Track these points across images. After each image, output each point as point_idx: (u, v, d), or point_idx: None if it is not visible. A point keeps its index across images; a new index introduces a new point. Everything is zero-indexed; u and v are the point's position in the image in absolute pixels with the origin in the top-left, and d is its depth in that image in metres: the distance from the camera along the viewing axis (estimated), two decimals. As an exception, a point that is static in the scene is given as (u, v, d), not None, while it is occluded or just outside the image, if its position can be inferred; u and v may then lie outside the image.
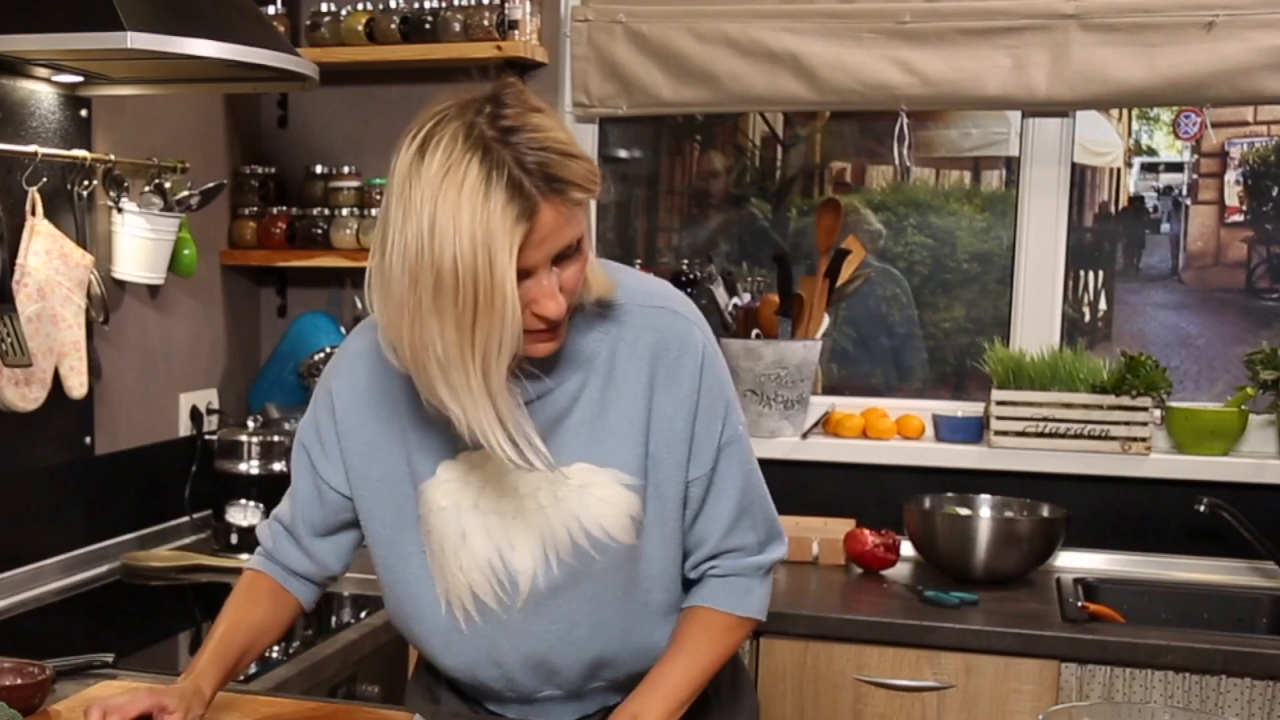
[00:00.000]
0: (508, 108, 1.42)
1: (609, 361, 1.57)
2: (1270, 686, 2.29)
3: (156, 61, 2.16)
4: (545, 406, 1.55)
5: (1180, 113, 2.97)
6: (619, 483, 1.56)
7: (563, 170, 1.38)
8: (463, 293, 1.36)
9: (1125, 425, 2.81)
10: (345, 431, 1.63)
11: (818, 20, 2.87)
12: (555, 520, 1.57)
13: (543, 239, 1.39)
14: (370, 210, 3.02)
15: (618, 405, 1.56)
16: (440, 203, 1.37)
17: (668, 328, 1.58)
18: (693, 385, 1.58)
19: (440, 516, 1.60)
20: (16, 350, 2.25)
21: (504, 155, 1.37)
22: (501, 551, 1.59)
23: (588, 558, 1.58)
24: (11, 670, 1.72)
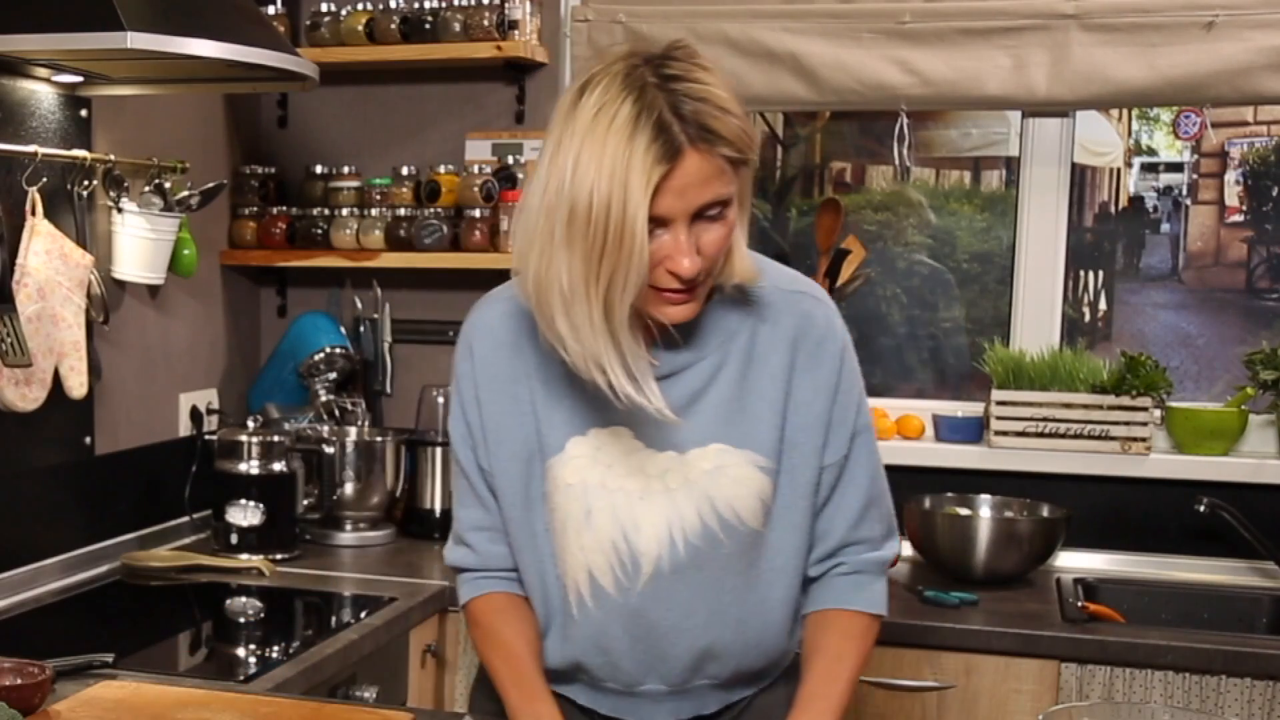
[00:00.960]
0: (675, 60, 1.43)
1: (749, 343, 1.57)
2: (1270, 686, 2.29)
3: (156, 61, 2.16)
4: (682, 383, 1.56)
5: (1180, 113, 2.97)
6: (753, 464, 1.56)
7: (716, 123, 1.40)
8: (594, 226, 1.38)
9: (1125, 425, 2.81)
10: (485, 407, 1.63)
11: (818, 20, 2.87)
12: (684, 501, 1.56)
13: (683, 188, 1.40)
14: (370, 210, 3.02)
15: (756, 387, 1.57)
16: (588, 138, 1.40)
17: (810, 312, 1.60)
18: (833, 369, 1.59)
19: (566, 494, 1.58)
20: (16, 350, 2.25)
21: (659, 98, 1.39)
22: (626, 531, 1.57)
23: (715, 540, 1.57)
24: (11, 670, 1.72)
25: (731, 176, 1.43)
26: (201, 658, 2.34)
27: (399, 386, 3.16)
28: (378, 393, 3.16)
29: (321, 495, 2.91)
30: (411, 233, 2.96)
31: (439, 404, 3.07)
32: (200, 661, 2.31)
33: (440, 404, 3.07)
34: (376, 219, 3.00)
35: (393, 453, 2.99)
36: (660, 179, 1.38)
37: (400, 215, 2.99)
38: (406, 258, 2.98)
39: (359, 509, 2.96)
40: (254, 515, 2.76)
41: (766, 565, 1.61)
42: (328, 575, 2.67)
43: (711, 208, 1.43)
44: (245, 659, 2.26)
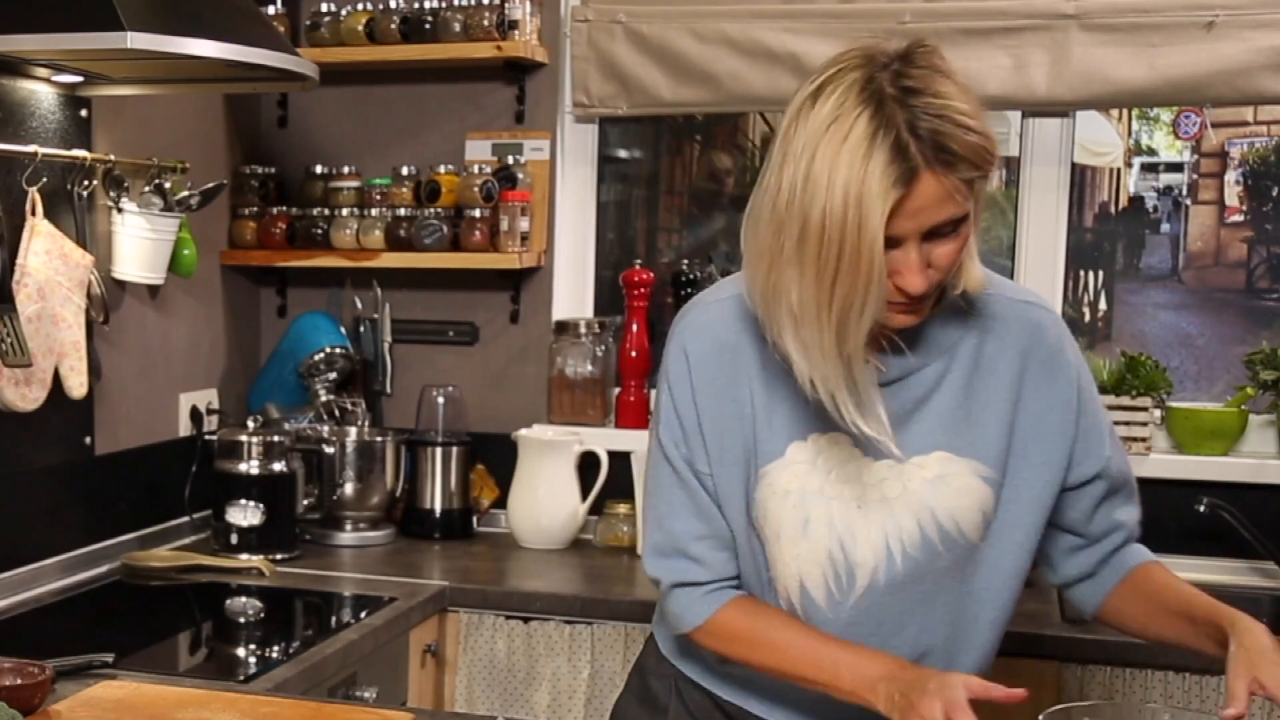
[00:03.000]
0: (916, 68, 1.37)
1: (976, 351, 1.54)
2: (1270, 686, 2.29)
3: (156, 61, 2.16)
4: (906, 389, 1.53)
5: (1180, 113, 2.97)
6: (976, 474, 1.53)
7: (955, 142, 1.34)
8: (826, 247, 1.34)
9: (1125, 425, 2.81)
10: (703, 413, 1.56)
11: (818, 20, 2.87)
12: (902, 511, 1.53)
13: (917, 210, 1.35)
14: (370, 210, 3.02)
15: (982, 396, 1.53)
16: (820, 151, 1.34)
17: (1040, 322, 1.57)
18: (1071, 382, 1.56)
19: (783, 501, 1.54)
20: (16, 350, 2.25)
21: (897, 115, 1.33)
22: (844, 542, 1.53)
23: (934, 552, 1.53)
24: (11, 670, 1.72)
25: (968, 194, 1.38)
26: (201, 658, 2.34)
27: (399, 386, 3.16)
28: (378, 393, 3.16)
29: (321, 495, 2.92)
30: (411, 233, 2.96)
31: (439, 404, 3.07)
32: (200, 661, 2.31)
33: (440, 404, 3.07)
34: (376, 219, 3.00)
35: (393, 453, 2.99)
36: (896, 202, 1.33)
37: (400, 215, 2.99)
38: (406, 258, 2.98)
39: (359, 509, 2.96)
40: (254, 515, 2.76)
41: (980, 584, 1.57)
42: (328, 575, 2.67)
43: (945, 226, 1.39)
44: (245, 659, 2.26)
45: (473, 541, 2.98)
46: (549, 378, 3.07)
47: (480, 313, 3.15)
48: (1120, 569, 1.66)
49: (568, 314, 3.12)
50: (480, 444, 3.07)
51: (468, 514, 3.05)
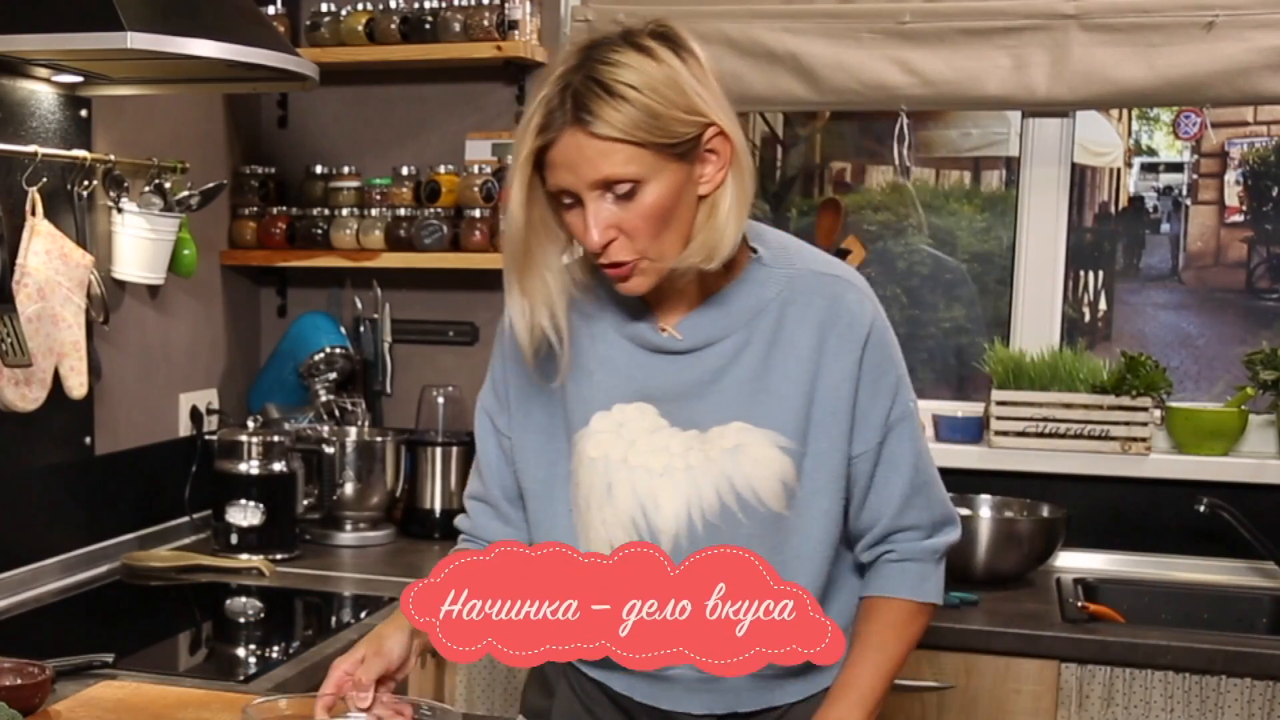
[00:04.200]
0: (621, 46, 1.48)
1: (776, 323, 1.57)
2: (1270, 686, 2.29)
3: (156, 61, 2.16)
4: (705, 359, 1.56)
5: (1180, 113, 2.97)
6: (775, 445, 1.55)
7: (601, 108, 1.43)
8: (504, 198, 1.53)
9: (1125, 425, 2.81)
10: (510, 376, 1.66)
11: (818, 20, 2.87)
12: (704, 480, 1.56)
13: (566, 163, 1.45)
14: (370, 210, 3.02)
15: (781, 367, 1.56)
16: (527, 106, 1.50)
17: (840, 296, 1.58)
18: (859, 354, 1.57)
19: (589, 468, 1.59)
20: (16, 350, 2.25)
21: (574, 77, 1.45)
22: (645, 509, 1.58)
23: (734, 520, 1.56)
24: (11, 670, 1.72)
25: (634, 157, 1.44)
26: (201, 658, 2.34)
27: (399, 386, 3.16)
28: (378, 393, 3.16)
29: (321, 495, 2.91)
30: (411, 233, 2.96)
31: (439, 404, 3.07)
32: (200, 661, 2.31)
33: (440, 404, 3.07)
34: (376, 219, 3.00)
35: (393, 453, 2.99)
36: (540, 149, 1.45)
37: (400, 215, 2.99)
38: (406, 258, 2.98)
39: (359, 509, 2.96)
40: (254, 515, 2.75)
41: (791, 552, 1.59)
42: (328, 575, 2.67)
43: (615, 185, 1.45)
44: (245, 659, 2.26)
45: (473, 541, 2.98)
46: (549, 378, 3.07)
47: (480, 313, 3.15)
48: (871, 585, 1.66)
49: (568, 314, 3.12)
50: (480, 444, 3.07)
51: (468, 514, 3.04)
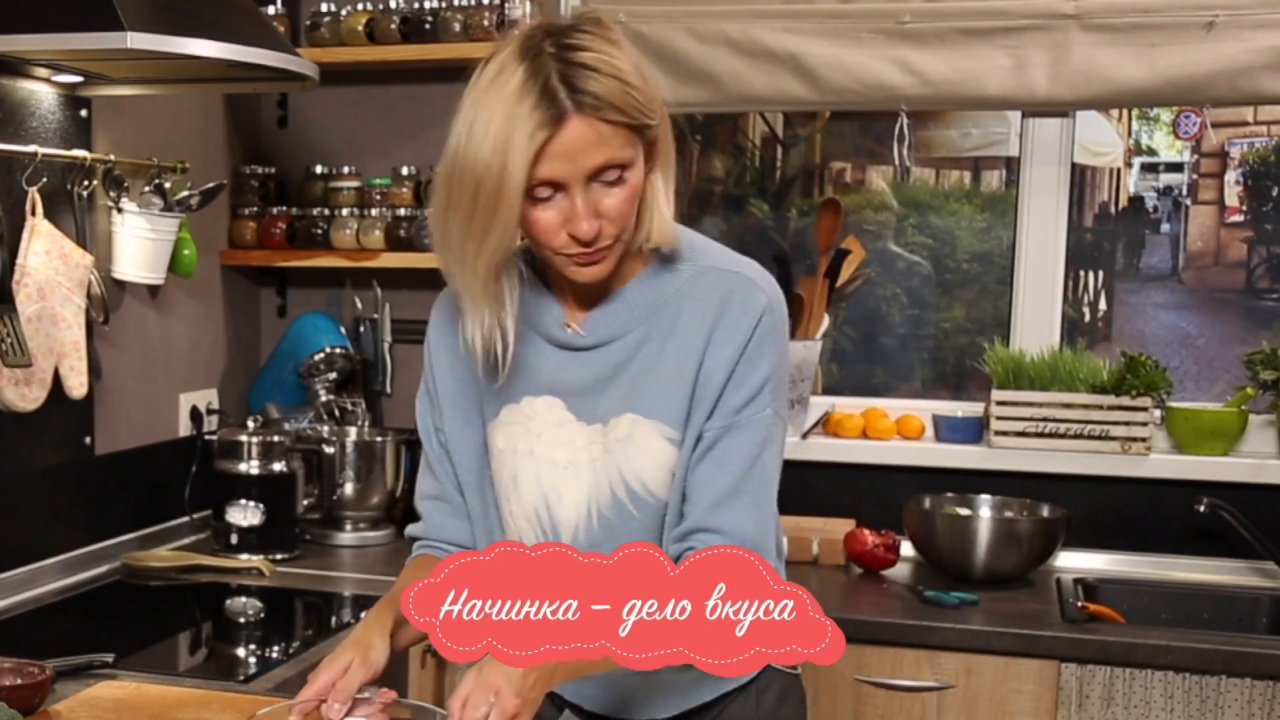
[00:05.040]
0: (579, 33, 1.46)
1: (674, 317, 1.57)
2: (1270, 686, 2.29)
3: (156, 61, 2.16)
4: (609, 354, 1.57)
5: (1180, 113, 2.97)
6: (661, 435, 1.56)
7: (599, 86, 1.41)
8: (476, 187, 1.42)
9: (1125, 425, 2.81)
10: (436, 372, 1.68)
11: (818, 20, 2.87)
12: (600, 473, 1.58)
13: (570, 152, 1.42)
14: (370, 210, 3.02)
15: (673, 358, 1.56)
16: (482, 103, 1.45)
17: (735, 289, 1.57)
18: (740, 344, 1.54)
19: (498, 460, 1.62)
20: (16, 350, 2.25)
21: (550, 65, 1.42)
22: (549, 501, 1.60)
23: (625, 513, 1.57)
24: (11, 670, 1.72)
25: (627, 140, 1.45)
26: (201, 658, 2.34)
27: (399, 386, 3.16)
28: (378, 393, 3.16)
29: (321, 495, 2.91)
30: (411, 233, 2.96)
31: (439, 404, 3.07)
32: (200, 661, 2.31)
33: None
34: (376, 219, 3.00)
35: (393, 453, 2.99)
36: (544, 143, 1.41)
37: (400, 215, 2.99)
38: (406, 258, 2.98)
39: (359, 509, 2.96)
40: (254, 515, 2.75)
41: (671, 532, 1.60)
42: (328, 575, 2.67)
43: (607, 171, 1.45)
44: (245, 659, 2.26)
45: (473, 541, 2.98)
46: (549, 378, 3.07)
47: (480, 313, 3.14)
48: None
49: (568, 314, 3.12)
50: (480, 444, 3.07)
51: (468, 514, 3.05)
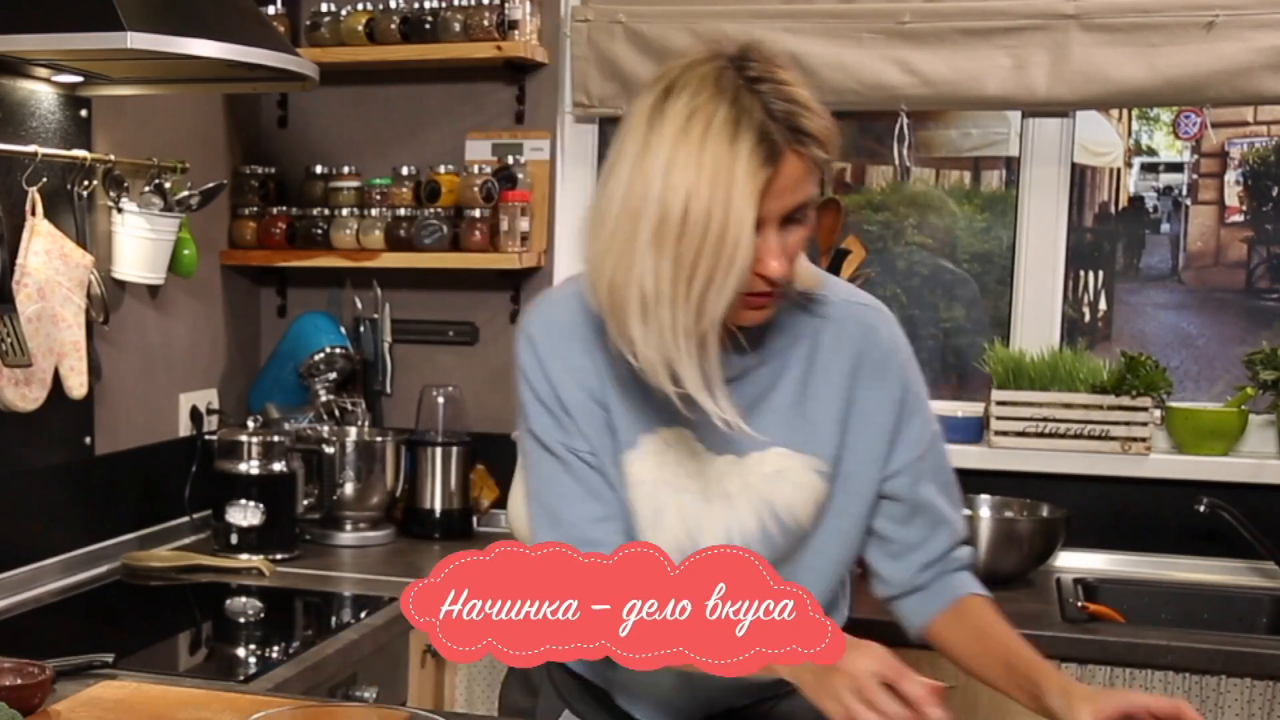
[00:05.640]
0: (755, 61, 1.43)
1: (811, 350, 1.57)
2: (1270, 686, 2.29)
3: (156, 61, 2.16)
4: (747, 386, 1.56)
5: (1180, 113, 2.96)
6: (813, 469, 1.57)
7: (808, 123, 1.40)
8: (691, 230, 1.36)
9: (1125, 425, 2.81)
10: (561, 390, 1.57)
11: (818, 20, 2.87)
12: (743, 506, 1.57)
13: (782, 190, 1.40)
14: (370, 210, 3.02)
15: (816, 393, 1.57)
16: (682, 143, 1.38)
17: (873, 324, 1.60)
18: (899, 380, 1.60)
19: (638, 491, 1.58)
20: (16, 350, 2.25)
21: (753, 103, 1.38)
22: (693, 534, 1.58)
23: (773, 544, 1.57)
24: (11, 670, 1.72)
25: (818, 177, 1.44)
26: (201, 658, 2.34)
27: (399, 386, 3.16)
28: (378, 393, 3.16)
29: (321, 495, 2.92)
30: (411, 233, 2.96)
31: (439, 404, 3.07)
32: (200, 661, 2.31)
33: (440, 404, 3.07)
34: (376, 219, 3.00)
35: (393, 453, 2.99)
36: (767, 180, 1.37)
37: (400, 215, 2.99)
38: (406, 258, 2.98)
39: (359, 509, 2.96)
40: (254, 515, 2.76)
41: (805, 565, 1.61)
42: (328, 575, 2.67)
43: (798, 210, 1.43)
44: (245, 659, 2.26)
45: (473, 541, 2.98)
46: (549, 378, 3.07)
47: (480, 313, 3.15)
48: (948, 593, 1.66)
49: (568, 314, 3.12)
50: (480, 444, 3.07)
51: (468, 514, 3.05)
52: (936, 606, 1.65)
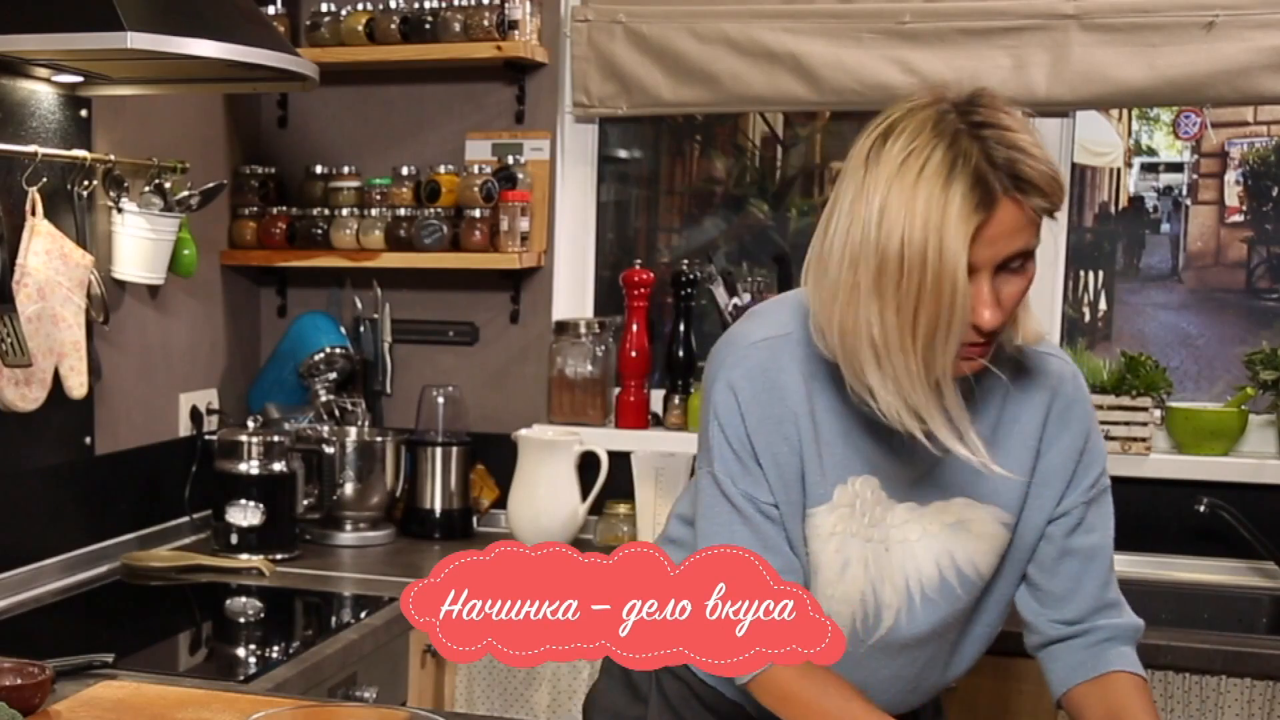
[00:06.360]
0: (981, 106, 1.41)
1: (1001, 401, 1.55)
2: (1270, 686, 2.29)
3: (156, 61, 2.16)
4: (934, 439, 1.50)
5: (1180, 113, 2.97)
6: (997, 520, 1.56)
7: (1029, 172, 1.37)
8: (908, 276, 1.35)
9: (1125, 425, 2.81)
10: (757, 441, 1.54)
11: (818, 20, 2.87)
12: (923, 554, 1.55)
13: (994, 238, 1.37)
14: (370, 210, 3.02)
15: (1005, 444, 1.55)
16: (896, 185, 1.36)
17: (1060, 372, 1.58)
18: (1082, 429, 1.58)
19: (825, 544, 1.55)
20: (16, 350, 2.25)
21: (971, 147, 1.36)
22: (875, 585, 1.56)
23: (952, 594, 1.57)
24: (11, 670, 1.72)
25: (1039, 227, 1.41)
26: (201, 658, 2.35)
27: (399, 386, 3.16)
28: (378, 393, 3.16)
29: (321, 495, 2.92)
30: (411, 233, 2.96)
31: (439, 404, 3.07)
32: (200, 661, 2.31)
33: (440, 404, 3.07)
34: (376, 219, 3.00)
35: (393, 453, 2.99)
36: (978, 226, 1.35)
37: (400, 215, 2.99)
38: (406, 258, 2.98)
39: (359, 509, 2.96)
40: (254, 515, 2.76)
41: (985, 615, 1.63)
42: (328, 575, 2.67)
43: (1015, 259, 1.41)
44: (245, 659, 2.26)
45: (473, 541, 2.98)
46: (549, 378, 3.07)
47: (480, 313, 3.15)
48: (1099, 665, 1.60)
49: (568, 314, 3.12)
50: (480, 444, 3.07)
51: (468, 514, 3.05)
52: (1082, 675, 1.59)
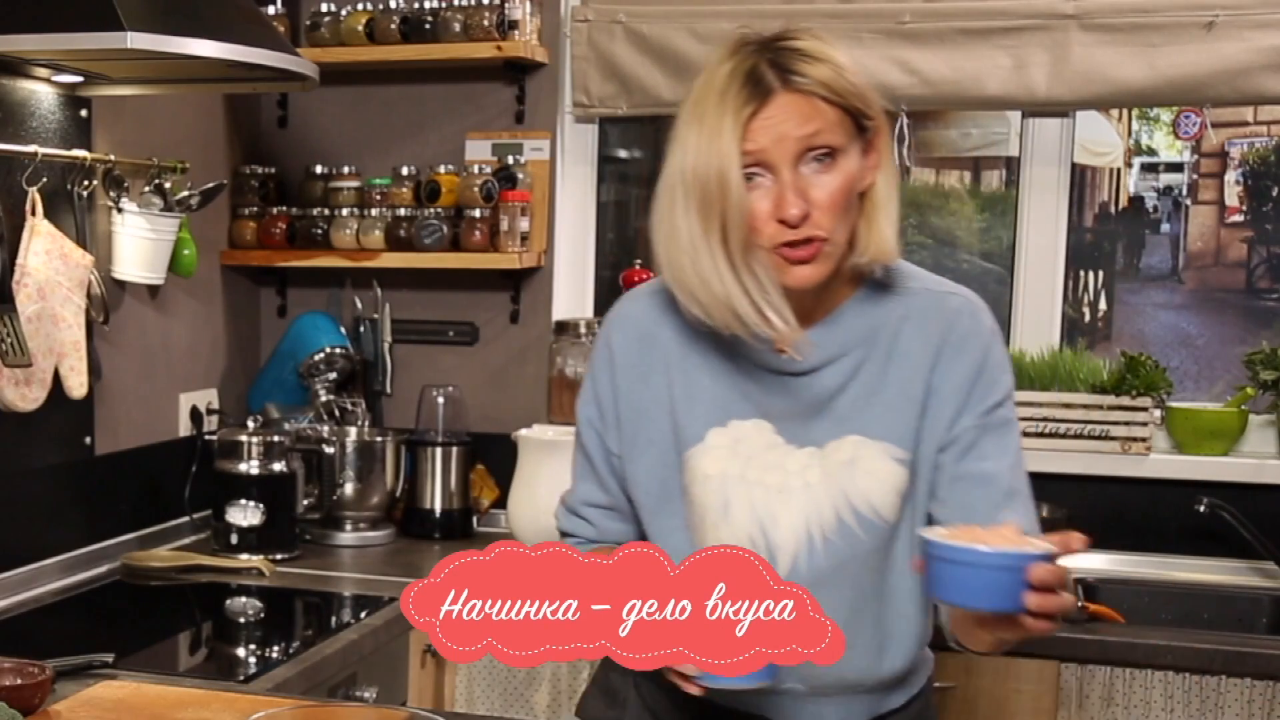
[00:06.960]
0: (783, 35, 1.50)
1: (893, 337, 1.55)
2: (1270, 686, 2.29)
3: (156, 61, 2.16)
4: (824, 378, 1.55)
5: (1180, 113, 2.96)
6: (890, 456, 1.54)
7: (804, 66, 1.44)
8: (699, 180, 1.43)
9: (1125, 425, 2.81)
10: (620, 394, 1.63)
11: (818, 20, 2.87)
12: (822, 496, 1.54)
13: (774, 123, 1.42)
14: (370, 210, 3.02)
15: (896, 379, 1.54)
16: (692, 110, 1.47)
17: (959, 309, 1.57)
18: (977, 358, 1.55)
19: (704, 486, 1.57)
20: (16, 350, 2.25)
21: (757, 57, 1.45)
22: (764, 526, 1.56)
23: (852, 537, 1.55)
24: (11, 670, 1.72)
25: (839, 124, 1.45)
26: (201, 658, 2.35)
27: (399, 386, 3.16)
28: (378, 393, 3.16)
29: (321, 495, 2.92)
30: (411, 233, 2.96)
31: (439, 404, 3.07)
32: (200, 661, 2.31)
33: (440, 404, 3.07)
34: (376, 219, 3.00)
35: (393, 453, 2.99)
36: (749, 117, 1.42)
37: (400, 215, 2.99)
38: (406, 258, 2.98)
39: (359, 509, 2.96)
40: (254, 515, 2.76)
41: (897, 554, 1.58)
42: (328, 575, 2.67)
43: (815, 151, 1.44)
44: (245, 659, 2.26)
45: (473, 541, 2.98)
46: (549, 378, 3.07)
47: (480, 313, 3.15)
48: None
49: (568, 314, 3.12)
50: (480, 444, 3.07)
51: (468, 514, 3.05)
52: None
